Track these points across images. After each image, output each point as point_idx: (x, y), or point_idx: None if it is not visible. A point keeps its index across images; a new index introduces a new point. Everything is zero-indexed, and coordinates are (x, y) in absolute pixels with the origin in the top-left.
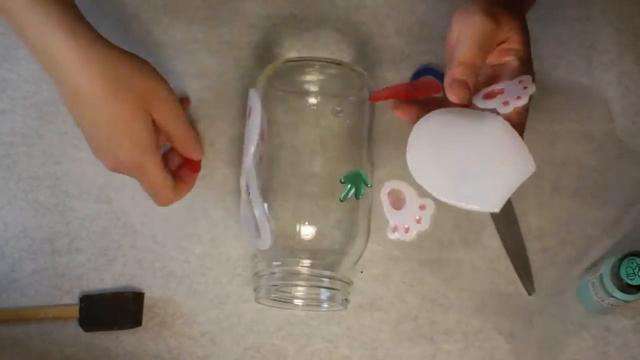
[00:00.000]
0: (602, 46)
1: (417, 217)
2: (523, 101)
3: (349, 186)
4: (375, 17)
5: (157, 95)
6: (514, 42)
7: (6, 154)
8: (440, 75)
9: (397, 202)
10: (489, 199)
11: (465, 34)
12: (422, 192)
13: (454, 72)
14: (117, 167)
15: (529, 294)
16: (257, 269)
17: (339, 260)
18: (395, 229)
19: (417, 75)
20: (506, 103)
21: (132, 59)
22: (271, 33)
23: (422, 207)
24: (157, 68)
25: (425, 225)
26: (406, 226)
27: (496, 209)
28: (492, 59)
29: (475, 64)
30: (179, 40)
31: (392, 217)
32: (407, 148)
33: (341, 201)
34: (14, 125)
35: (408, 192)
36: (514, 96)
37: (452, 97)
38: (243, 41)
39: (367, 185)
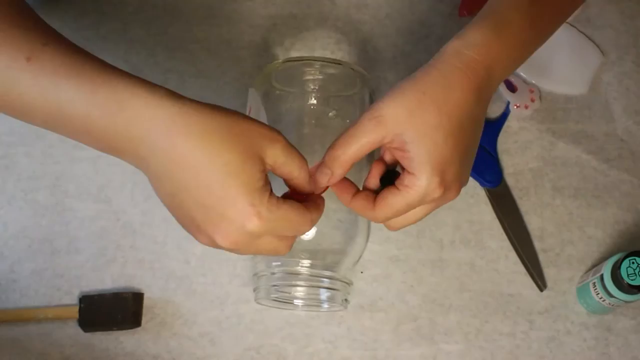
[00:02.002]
0: (602, 46)
1: (531, 98)
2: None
3: None
4: (375, 17)
5: (264, 136)
6: (407, 152)
7: (5, 153)
8: None
9: (510, 87)
10: (577, 84)
11: (350, 126)
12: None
13: (326, 158)
14: (233, 240)
15: (541, 290)
16: (256, 269)
17: (339, 260)
18: (517, 106)
19: None
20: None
21: (220, 108)
22: (271, 33)
23: (531, 91)
24: (156, 68)
25: (538, 104)
26: (526, 105)
27: (584, 90)
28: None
29: (348, 159)
30: (179, 40)
31: (511, 97)
32: None
33: None
34: (13, 125)
35: (516, 80)
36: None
37: (316, 182)
38: (243, 41)
39: None
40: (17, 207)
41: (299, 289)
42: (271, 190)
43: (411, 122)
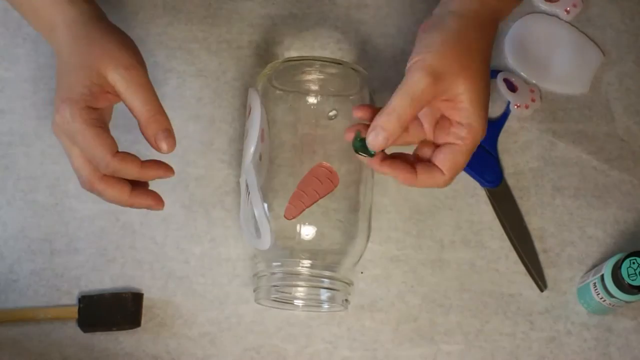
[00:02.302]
0: (603, 46)
1: (532, 98)
2: (528, 111)
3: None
4: (375, 16)
5: (117, 57)
6: (460, 102)
7: (5, 153)
8: None
9: (511, 87)
10: (578, 84)
11: (402, 85)
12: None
13: (378, 120)
14: (55, 123)
15: (542, 290)
16: (257, 269)
17: (339, 260)
18: (517, 106)
19: None
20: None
21: (115, 27)
22: (271, 32)
23: (532, 91)
24: (156, 68)
25: (538, 104)
26: (526, 105)
27: (585, 90)
28: (440, 133)
29: (401, 117)
30: (179, 40)
31: (511, 97)
32: (506, 51)
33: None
34: (12, 125)
35: (517, 80)
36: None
37: (370, 143)
38: (243, 40)
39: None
40: (16, 207)
41: (299, 289)
42: (95, 110)
43: (464, 74)
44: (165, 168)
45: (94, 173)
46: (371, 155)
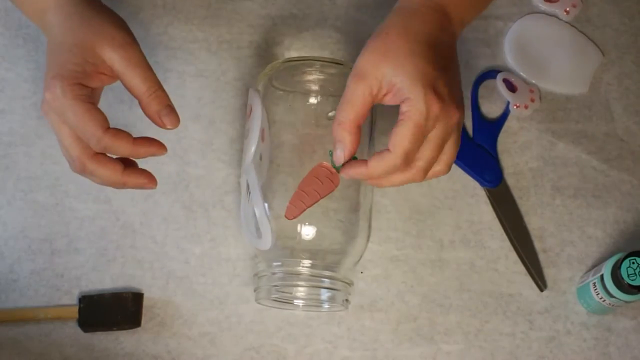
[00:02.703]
0: (602, 46)
1: (531, 98)
2: (528, 112)
3: None
4: (375, 16)
5: (113, 36)
6: (394, 86)
7: (5, 153)
8: None
9: (511, 87)
10: (577, 84)
11: (343, 94)
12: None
13: (333, 133)
14: (44, 101)
15: (541, 290)
16: (257, 269)
17: (340, 260)
18: (517, 106)
19: None
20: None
21: (107, 7)
22: (271, 33)
23: (532, 91)
24: (156, 68)
25: (538, 104)
26: (526, 105)
27: (585, 90)
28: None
29: (346, 125)
30: (179, 40)
31: (511, 97)
32: (506, 51)
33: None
34: (12, 125)
35: (517, 80)
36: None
37: (335, 156)
38: (243, 41)
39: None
40: (16, 207)
41: (299, 289)
42: (86, 87)
43: (386, 60)
44: (158, 145)
45: (84, 151)
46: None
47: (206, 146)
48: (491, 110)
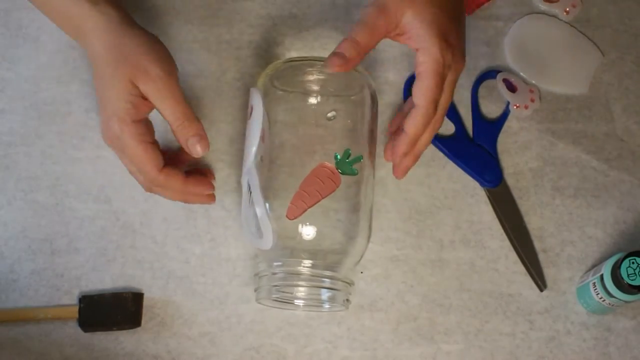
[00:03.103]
0: (602, 46)
1: (531, 98)
2: (528, 112)
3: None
4: None
5: (146, 70)
6: (412, 29)
7: (5, 153)
8: None
9: (511, 87)
10: (577, 83)
11: (359, 19)
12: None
13: (338, 46)
14: (106, 136)
15: (541, 290)
16: (257, 269)
17: (340, 260)
18: (517, 106)
19: (410, 80)
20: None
21: (145, 35)
22: (271, 33)
23: (531, 91)
24: None
25: (537, 104)
26: (526, 105)
27: (584, 90)
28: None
29: (359, 43)
30: (178, 40)
31: (511, 98)
32: (506, 52)
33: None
34: (13, 125)
35: (516, 80)
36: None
37: (326, 66)
38: (243, 41)
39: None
40: (16, 207)
41: (300, 289)
42: (142, 124)
43: (409, 3)
44: (208, 185)
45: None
46: (354, 173)
47: None
48: (491, 110)
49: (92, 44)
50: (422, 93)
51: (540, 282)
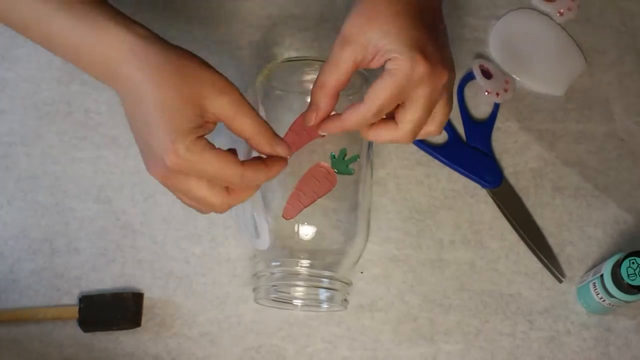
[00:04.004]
0: (602, 47)
1: (505, 88)
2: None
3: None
4: None
5: (213, 83)
6: (382, 47)
7: (5, 153)
8: None
9: (486, 74)
10: (554, 85)
11: (327, 58)
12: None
13: (311, 94)
14: (163, 172)
15: (560, 281)
16: (256, 269)
17: (339, 260)
18: (488, 92)
19: None
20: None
21: (188, 52)
22: (271, 33)
23: (507, 82)
24: None
25: (510, 94)
26: (497, 93)
27: (560, 93)
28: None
29: (325, 85)
30: (178, 40)
31: (484, 83)
32: (490, 40)
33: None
34: (12, 125)
35: (494, 68)
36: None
37: (306, 117)
38: (243, 41)
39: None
40: (16, 207)
41: (298, 289)
42: (203, 137)
43: (372, 23)
44: (283, 161)
45: (222, 194)
46: (351, 173)
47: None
48: (479, 111)
49: (131, 73)
50: (369, 94)
51: (558, 273)
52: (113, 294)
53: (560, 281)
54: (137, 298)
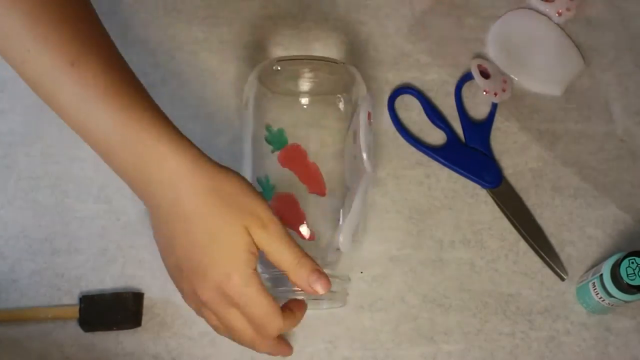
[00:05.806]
0: (601, 47)
1: (503, 88)
2: (497, 99)
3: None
4: (375, 17)
5: (258, 215)
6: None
7: (5, 153)
8: (418, 95)
9: (484, 74)
10: (552, 85)
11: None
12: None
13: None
14: (208, 297)
15: (562, 279)
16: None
17: (337, 259)
18: (486, 92)
19: (395, 94)
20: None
21: (235, 176)
22: (271, 33)
23: (504, 81)
24: (157, 68)
25: (508, 94)
26: (495, 92)
27: (558, 93)
28: None
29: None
30: (179, 40)
31: (482, 83)
32: (488, 40)
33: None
34: (13, 125)
35: (492, 68)
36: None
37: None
38: (243, 41)
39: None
40: (17, 207)
41: (297, 289)
42: (257, 272)
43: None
44: (304, 308)
45: (254, 332)
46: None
47: (206, 146)
48: (476, 112)
49: (179, 193)
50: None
51: (560, 271)
52: (113, 293)
53: (562, 279)
54: (137, 298)
